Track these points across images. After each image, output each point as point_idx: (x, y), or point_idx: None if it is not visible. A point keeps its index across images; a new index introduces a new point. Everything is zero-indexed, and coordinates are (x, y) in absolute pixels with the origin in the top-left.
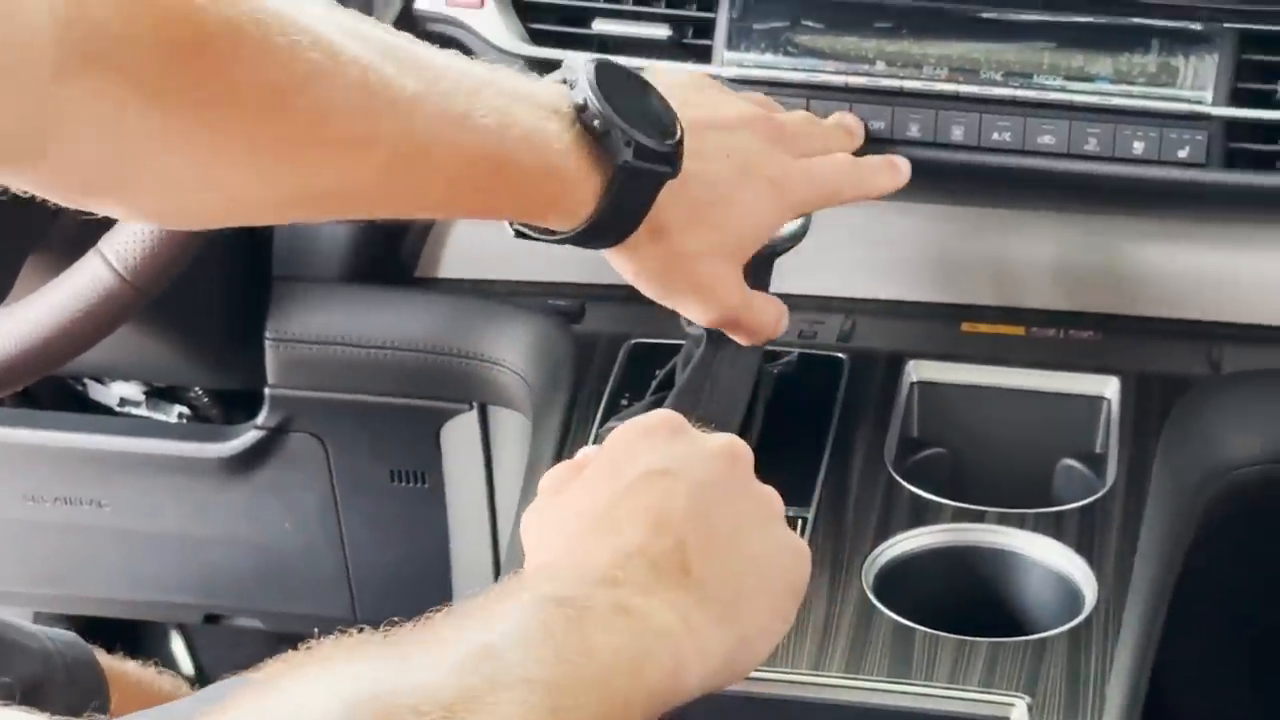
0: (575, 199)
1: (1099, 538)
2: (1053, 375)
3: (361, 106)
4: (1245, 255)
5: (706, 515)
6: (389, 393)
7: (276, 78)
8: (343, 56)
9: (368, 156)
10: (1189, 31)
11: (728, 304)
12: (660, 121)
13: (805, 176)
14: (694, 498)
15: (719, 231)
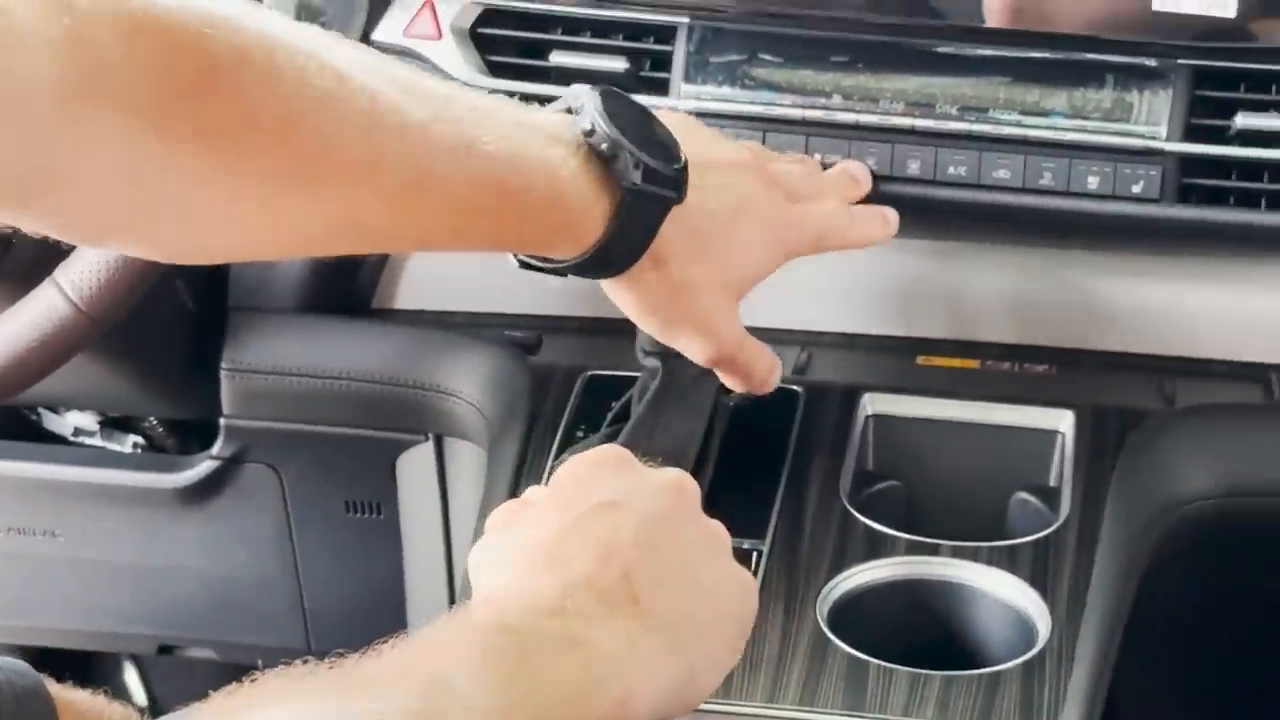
0: (583, 225)
1: (1052, 571)
2: (1007, 409)
3: (370, 133)
4: (1198, 290)
5: (654, 546)
6: (345, 423)
7: (285, 105)
8: (351, 83)
9: (377, 184)
10: (1143, 67)
11: (726, 341)
12: (665, 147)
13: (798, 221)
14: (641, 530)
15: (719, 265)
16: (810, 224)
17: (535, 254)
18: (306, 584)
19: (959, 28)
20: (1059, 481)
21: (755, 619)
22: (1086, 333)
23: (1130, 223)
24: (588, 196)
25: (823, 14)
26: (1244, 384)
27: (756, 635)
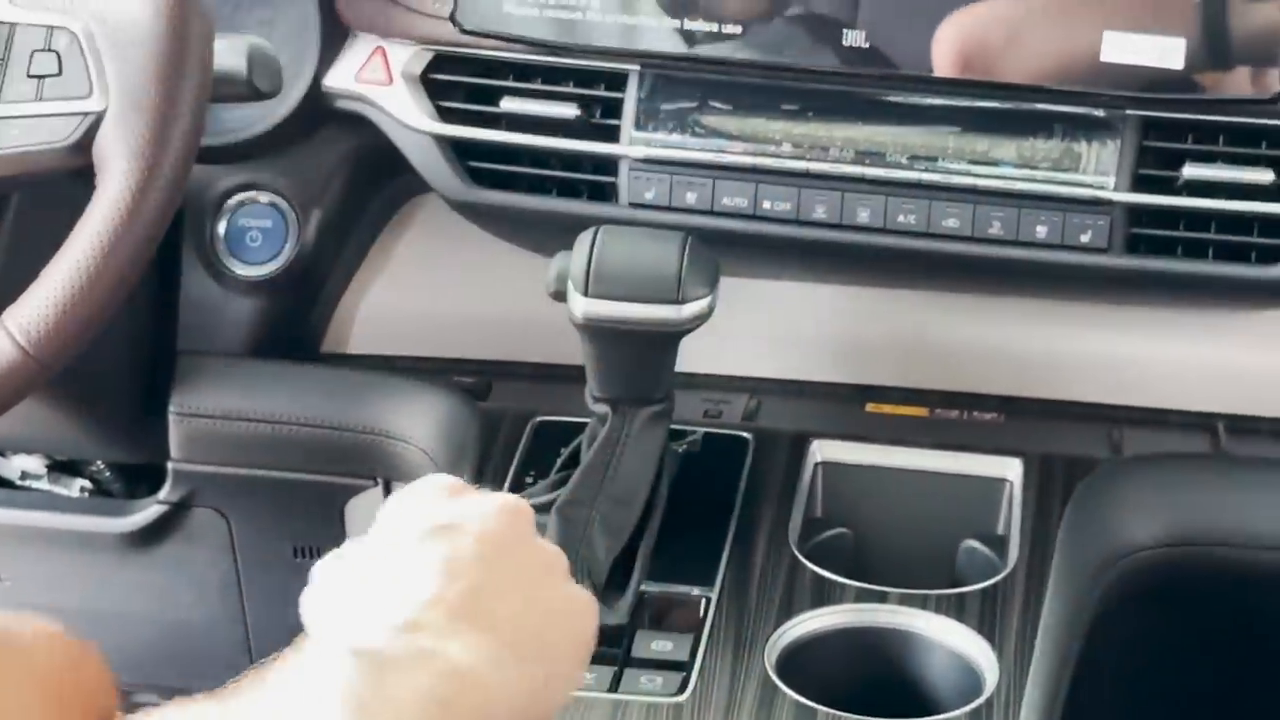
0: None
1: (1000, 619)
2: (955, 456)
3: None
4: (1146, 339)
5: (497, 564)
6: (294, 468)
7: None
8: None
9: None
10: (1091, 118)
11: None
12: None
13: None
14: (483, 546)
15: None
16: None
17: None
18: (254, 629)
19: (909, 77)
20: (1007, 530)
21: (694, 673)
22: (1034, 381)
23: (1078, 272)
24: None
25: (773, 62)
26: (1191, 433)
27: (705, 681)
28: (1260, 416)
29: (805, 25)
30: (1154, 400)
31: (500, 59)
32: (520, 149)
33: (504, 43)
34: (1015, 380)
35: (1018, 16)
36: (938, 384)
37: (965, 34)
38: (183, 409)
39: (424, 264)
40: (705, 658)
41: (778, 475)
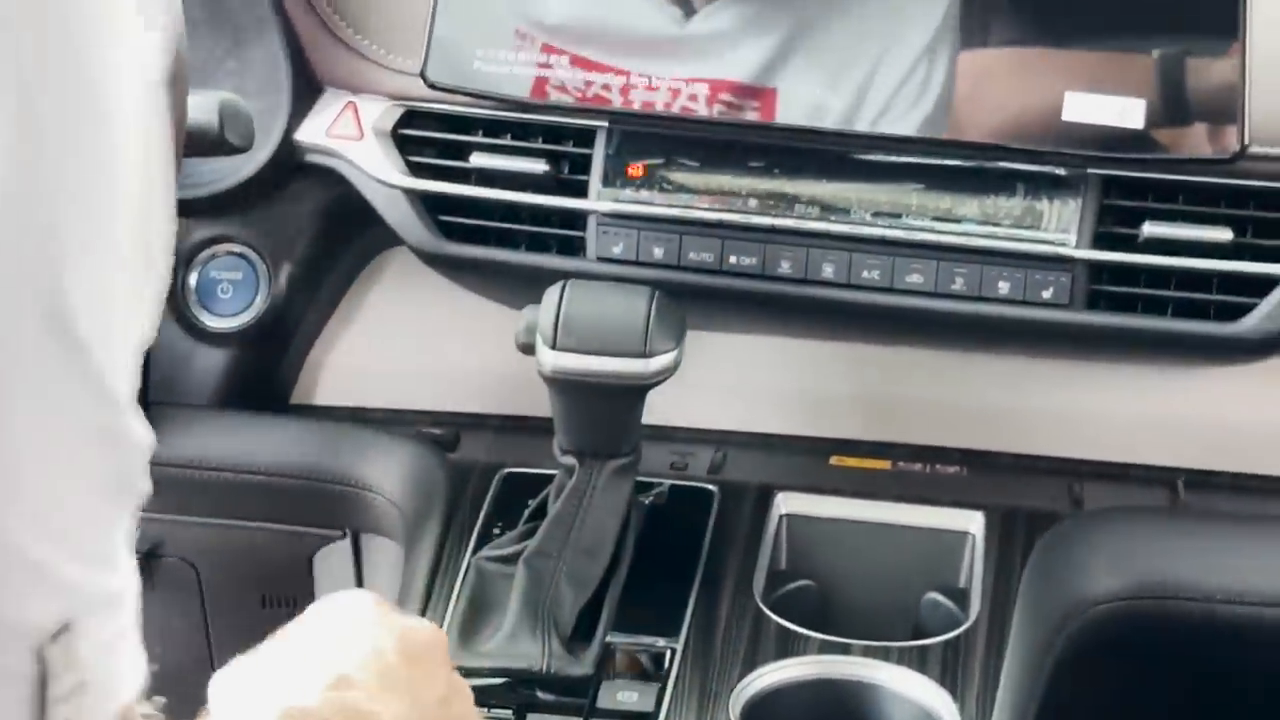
0: None
1: (962, 671)
2: (918, 510)
3: None
4: (1106, 394)
5: (411, 665)
6: (263, 519)
7: None
8: None
9: None
10: (1053, 176)
11: None
12: None
13: None
14: (402, 649)
15: None
16: None
17: None
18: None
19: (873, 135)
20: (968, 582)
21: (667, 715)
22: (997, 435)
23: (1040, 328)
24: None
25: (739, 120)
26: (1151, 487)
27: None
28: (1219, 471)
29: (776, 94)
30: (1114, 455)
31: (470, 115)
32: (490, 203)
33: (473, 99)
34: (978, 434)
35: (980, 75)
36: (901, 437)
37: (934, 92)
38: (152, 459)
39: (394, 316)
40: (670, 709)
41: (743, 527)
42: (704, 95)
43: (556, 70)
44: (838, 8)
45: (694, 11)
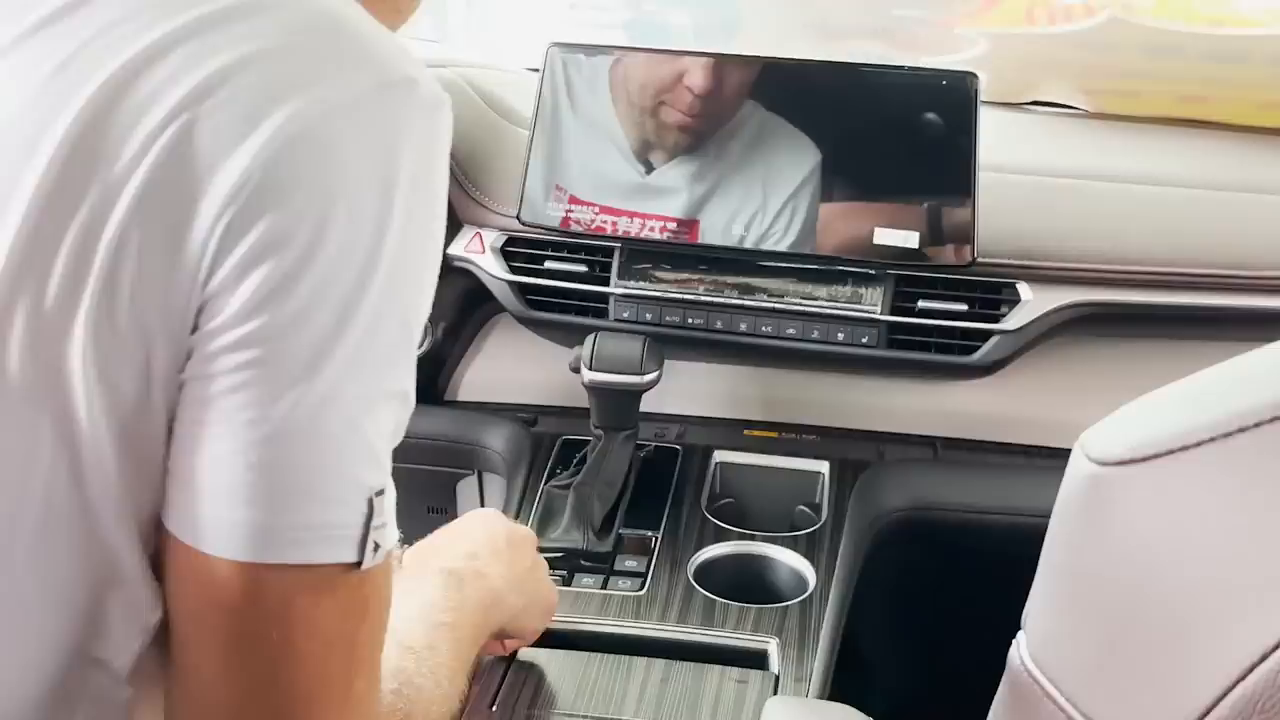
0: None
1: (817, 550)
2: (793, 460)
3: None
4: (899, 396)
5: (513, 544)
6: (429, 463)
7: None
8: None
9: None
10: (868, 274)
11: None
12: None
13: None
14: (503, 536)
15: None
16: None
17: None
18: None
19: (764, 250)
20: (820, 500)
21: (648, 579)
22: (837, 418)
23: (861, 358)
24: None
25: (697, 244)
26: (923, 447)
27: (655, 584)
28: (961, 439)
29: (714, 227)
30: (902, 429)
31: (543, 239)
32: (554, 289)
33: (544, 230)
34: (826, 417)
35: (828, 216)
36: (784, 419)
37: (800, 225)
38: None
39: (501, 352)
40: (654, 570)
41: (695, 470)
42: (659, 226)
43: (582, 213)
44: (740, 170)
45: (653, 169)
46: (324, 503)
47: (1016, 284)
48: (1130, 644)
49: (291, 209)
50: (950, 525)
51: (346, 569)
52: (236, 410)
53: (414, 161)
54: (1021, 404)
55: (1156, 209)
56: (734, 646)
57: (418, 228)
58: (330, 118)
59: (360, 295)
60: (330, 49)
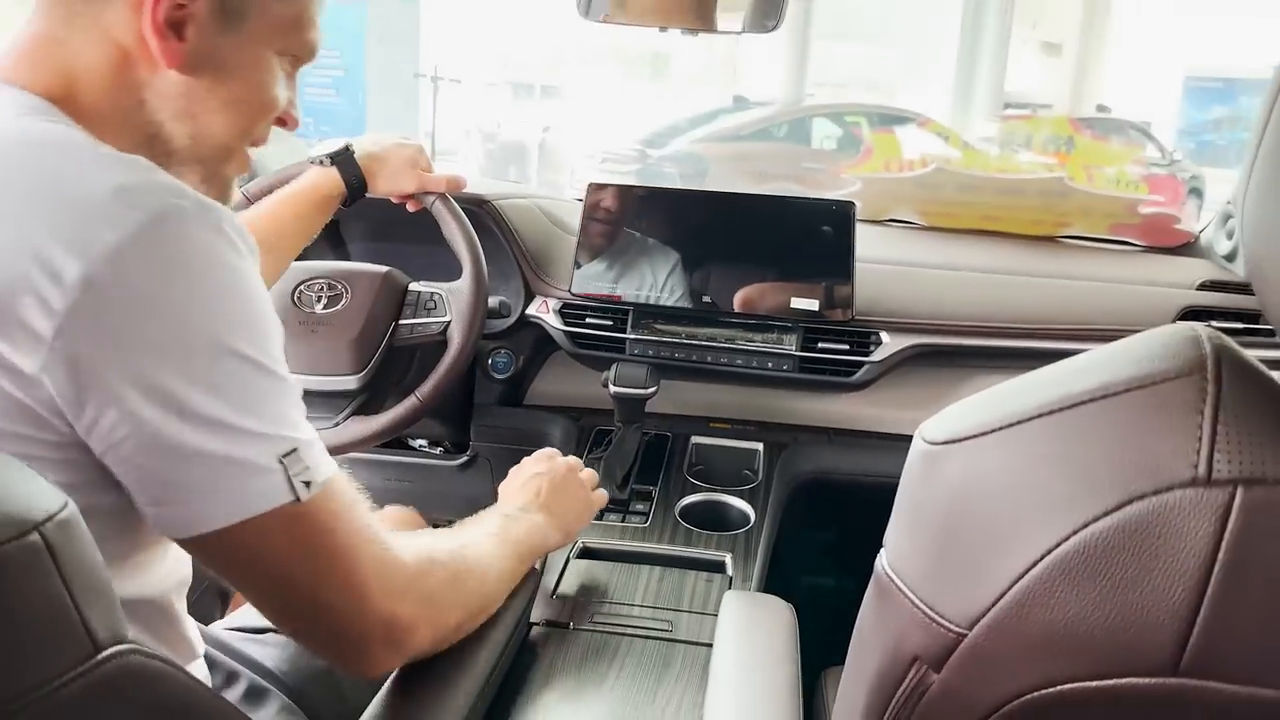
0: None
1: (756, 498)
2: (740, 442)
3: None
4: (804, 403)
5: (560, 487)
6: (514, 444)
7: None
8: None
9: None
10: (786, 325)
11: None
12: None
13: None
14: (553, 481)
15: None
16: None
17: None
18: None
19: (724, 310)
20: (758, 466)
21: (650, 516)
22: (767, 415)
23: (782, 380)
24: None
25: (677, 307)
26: (821, 435)
27: (655, 520)
28: (845, 429)
29: (690, 296)
30: (809, 423)
31: (583, 304)
32: (591, 336)
33: (586, 299)
34: (761, 415)
35: (760, 290)
36: (735, 416)
37: (744, 295)
38: (480, 422)
39: (558, 374)
40: (654, 511)
41: (679, 449)
42: (654, 297)
43: (615, 286)
44: (707, 260)
45: (654, 260)
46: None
47: (880, 332)
48: (949, 555)
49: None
50: (839, 484)
51: (294, 505)
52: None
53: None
54: (883, 408)
55: (967, 286)
56: (703, 559)
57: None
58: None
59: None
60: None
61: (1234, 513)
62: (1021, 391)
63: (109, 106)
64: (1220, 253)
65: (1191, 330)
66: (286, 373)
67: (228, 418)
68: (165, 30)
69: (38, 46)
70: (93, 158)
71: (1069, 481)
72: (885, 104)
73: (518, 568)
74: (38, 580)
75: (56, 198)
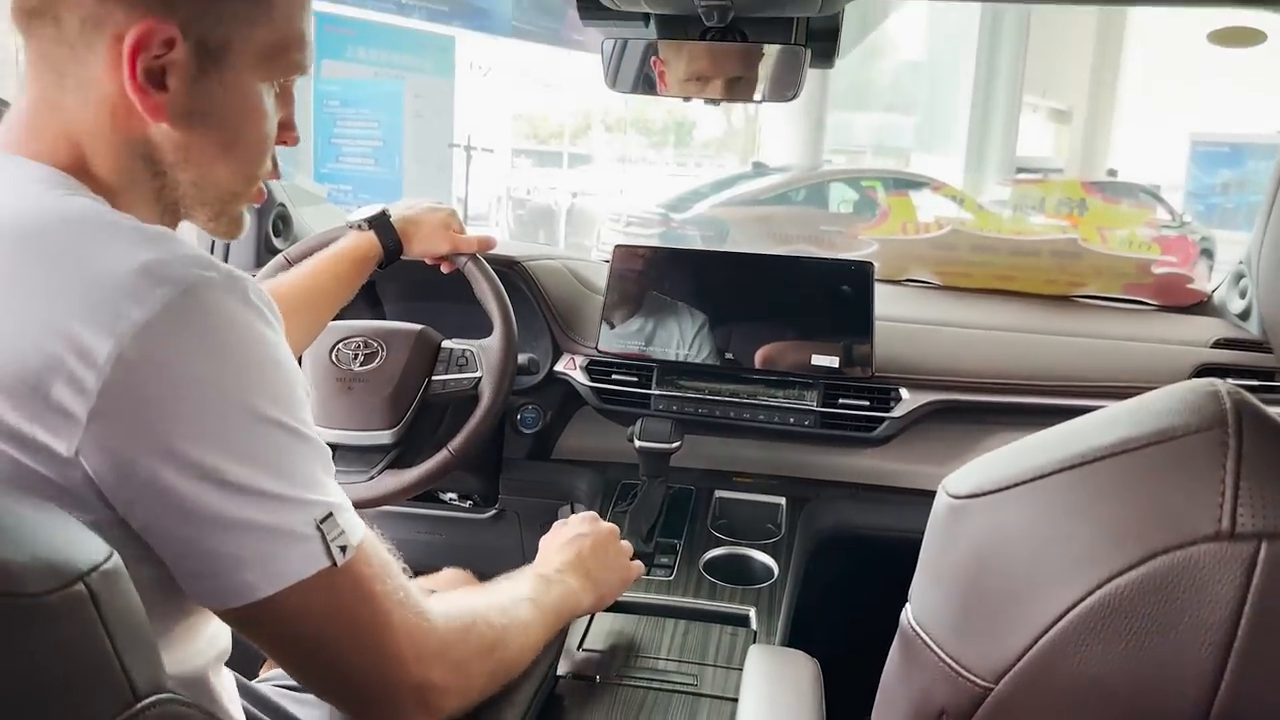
0: None
1: (780, 551)
2: (764, 496)
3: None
4: (827, 458)
5: (595, 552)
6: (542, 497)
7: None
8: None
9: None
10: (807, 381)
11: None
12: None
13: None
14: (595, 542)
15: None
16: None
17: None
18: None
19: (746, 367)
20: (781, 521)
21: (675, 569)
22: (790, 470)
23: (804, 435)
24: None
25: (701, 363)
26: (845, 490)
27: (680, 572)
28: (866, 484)
29: (714, 353)
30: (831, 478)
31: (610, 362)
32: (617, 392)
33: (613, 356)
34: (784, 470)
35: (780, 348)
36: (758, 471)
37: (765, 353)
38: (511, 477)
39: (585, 429)
40: (678, 564)
41: (704, 502)
42: (680, 354)
43: (643, 345)
44: (732, 318)
45: (681, 318)
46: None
47: (900, 389)
48: (975, 609)
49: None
50: (862, 538)
51: (332, 569)
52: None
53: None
54: (904, 464)
55: (984, 344)
56: (728, 613)
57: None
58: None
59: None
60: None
61: (1259, 566)
62: (1044, 446)
63: (116, 168)
64: (1234, 311)
65: (1211, 385)
66: (316, 435)
67: (266, 485)
68: (145, 84)
69: (37, 115)
70: (113, 233)
71: (1092, 536)
72: (900, 169)
73: (548, 634)
74: (81, 630)
75: (83, 277)
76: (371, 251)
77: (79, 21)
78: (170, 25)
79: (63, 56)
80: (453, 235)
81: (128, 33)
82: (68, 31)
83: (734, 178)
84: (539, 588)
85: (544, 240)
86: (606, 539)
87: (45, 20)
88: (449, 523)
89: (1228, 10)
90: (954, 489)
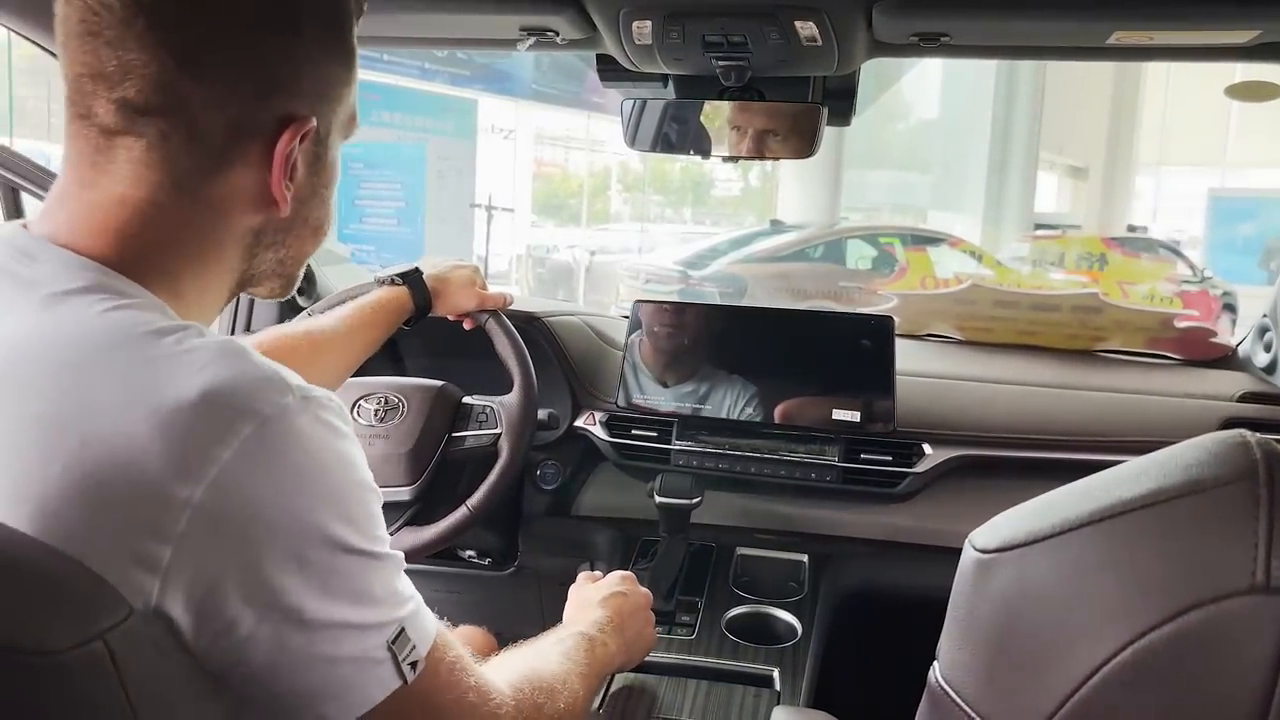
0: None
1: (803, 610)
2: (785, 553)
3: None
4: (850, 514)
5: (633, 613)
6: (561, 555)
7: None
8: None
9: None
10: (828, 436)
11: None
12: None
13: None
14: (633, 602)
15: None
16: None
17: None
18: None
19: (768, 423)
20: (803, 579)
21: (696, 628)
22: (812, 527)
23: (826, 491)
24: None
25: (722, 418)
26: (868, 547)
27: (702, 631)
28: (894, 542)
29: (733, 408)
30: (854, 534)
31: (630, 416)
32: (637, 447)
33: (633, 410)
34: (806, 527)
35: (799, 404)
36: (780, 528)
37: (785, 408)
38: (526, 531)
39: (605, 484)
40: (699, 622)
41: (726, 559)
42: (700, 408)
43: (662, 402)
44: (753, 372)
45: (696, 372)
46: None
47: (922, 444)
48: (1004, 666)
49: None
50: (886, 595)
51: (403, 688)
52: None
53: None
54: (927, 521)
55: (1008, 399)
56: (751, 673)
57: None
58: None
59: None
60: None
61: None
62: (1072, 499)
63: (199, 257)
64: (1259, 365)
65: (1240, 437)
66: (390, 548)
67: (346, 617)
68: (285, 177)
69: (106, 210)
70: (174, 350)
71: (1123, 589)
72: (917, 226)
73: (591, 700)
74: (99, 689)
75: (150, 408)
76: (403, 306)
77: (225, 121)
78: (310, 119)
79: (172, 153)
80: (478, 292)
81: (282, 133)
82: (204, 131)
83: (751, 235)
84: (590, 653)
85: (563, 297)
86: (644, 603)
87: (157, 118)
88: (467, 580)
89: (1241, 63)
90: (981, 543)
